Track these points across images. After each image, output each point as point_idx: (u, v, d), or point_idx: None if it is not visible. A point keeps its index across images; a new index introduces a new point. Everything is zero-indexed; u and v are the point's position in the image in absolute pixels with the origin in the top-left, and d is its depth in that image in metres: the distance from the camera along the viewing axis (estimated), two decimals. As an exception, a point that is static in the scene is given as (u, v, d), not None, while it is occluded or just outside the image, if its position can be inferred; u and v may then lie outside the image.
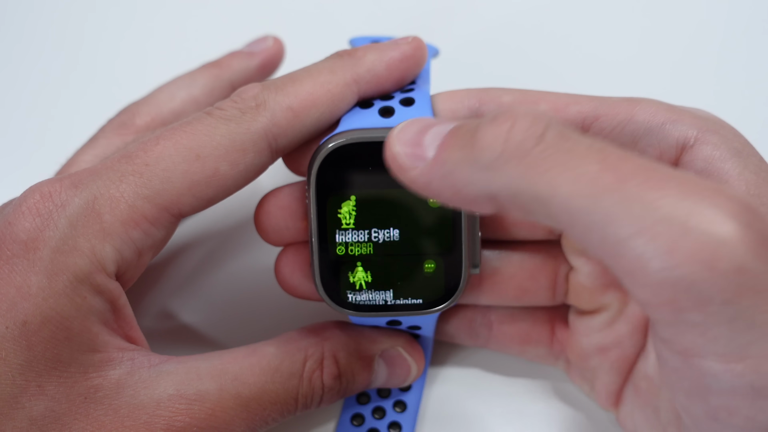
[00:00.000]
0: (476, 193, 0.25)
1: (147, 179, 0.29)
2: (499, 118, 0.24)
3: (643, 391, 0.32)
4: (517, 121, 0.24)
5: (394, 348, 0.33)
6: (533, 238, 0.34)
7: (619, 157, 0.23)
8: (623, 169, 0.23)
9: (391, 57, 0.32)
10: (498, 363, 0.37)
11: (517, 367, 0.37)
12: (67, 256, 0.28)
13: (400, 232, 0.31)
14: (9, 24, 0.51)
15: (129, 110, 0.38)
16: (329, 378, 0.31)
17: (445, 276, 0.31)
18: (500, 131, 0.24)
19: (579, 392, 0.36)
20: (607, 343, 0.33)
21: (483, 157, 0.24)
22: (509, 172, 0.24)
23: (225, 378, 0.30)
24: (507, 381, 0.37)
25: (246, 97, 0.31)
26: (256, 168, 0.31)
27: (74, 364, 0.28)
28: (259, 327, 0.38)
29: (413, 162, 0.26)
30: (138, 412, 0.28)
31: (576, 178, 0.23)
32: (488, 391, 0.37)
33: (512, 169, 0.24)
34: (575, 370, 0.35)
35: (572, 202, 0.23)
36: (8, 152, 0.46)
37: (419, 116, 0.31)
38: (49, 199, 0.29)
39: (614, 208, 0.22)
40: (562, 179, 0.23)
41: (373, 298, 0.31)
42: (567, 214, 0.23)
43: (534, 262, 0.34)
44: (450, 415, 0.36)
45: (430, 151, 0.26)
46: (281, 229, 0.32)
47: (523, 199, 0.24)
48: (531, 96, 0.32)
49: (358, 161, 0.30)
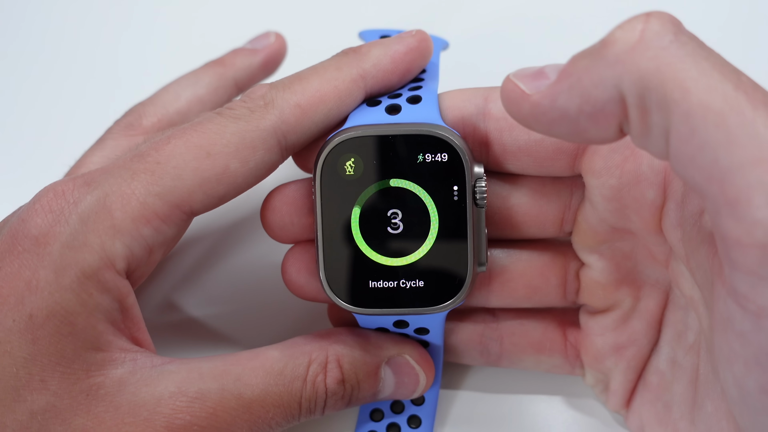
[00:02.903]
0: (606, 96, 0.23)
1: (158, 177, 0.29)
2: (632, 18, 0.23)
3: (653, 386, 0.32)
4: (652, 16, 0.23)
5: (401, 356, 0.33)
6: (541, 236, 0.34)
7: (752, 84, 0.22)
8: (756, 95, 0.22)
9: (395, 50, 0.32)
10: (512, 382, 0.37)
11: (534, 385, 0.37)
12: (76, 252, 0.28)
13: (404, 227, 0.31)
14: (12, 24, 0.51)
15: (135, 111, 0.38)
16: (333, 382, 0.31)
17: (451, 272, 0.31)
18: (635, 24, 0.23)
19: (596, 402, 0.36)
20: (623, 342, 0.33)
21: (616, 50, 0.23)
22: (643, 63, 0.23)
23: (227, 378, 0.30)
24: (523, 399, 0.37)
25: (255, 97, 0.31)
26: (266, 165, 0.31)
27: (78, 360, 0.28)
28: (265, 324, 0.38)
29: (536, 86, 0.25)
30: (138, 409, 0.29)
31: (711, 89, 0.22)
32: (505, 410, 0.36)
33: (647, 60, 0.23)
34: (590, 373, 0.35)
35: (699, 112, 0.22)
36: (12, 153, 0.46)
37: (426, 114, 0.31)
38: (62, 197, 0.29)
39: (739, 131, 0.21)
40: (697, 86, 0.22)
41: (378, 295, 0.31)
42: (687, 126, 0.22)
43: (543, 260, 0.34)
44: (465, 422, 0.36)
45: (552, 75, 0.25)
46: (287, 225, 0.32)
47: (650, 99, 0.23)
48: None
49: (363, 156, 0.30)
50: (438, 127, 0.30)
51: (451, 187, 0.31)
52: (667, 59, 0.23)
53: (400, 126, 0.31)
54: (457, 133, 0.31)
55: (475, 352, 0.35)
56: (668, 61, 0.23)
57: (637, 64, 0.23)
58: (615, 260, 0.33)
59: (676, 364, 0.31)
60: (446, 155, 0.30)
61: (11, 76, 0.50)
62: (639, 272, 0.33)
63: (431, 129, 0.30)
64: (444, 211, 0.31)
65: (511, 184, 0.33)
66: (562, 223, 0.33)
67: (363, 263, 0.31)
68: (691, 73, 0.22)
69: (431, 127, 0.30)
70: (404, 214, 0.31)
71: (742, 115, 0.22)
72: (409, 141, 0.30)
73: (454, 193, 0.31)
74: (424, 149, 0.30)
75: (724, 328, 0.24)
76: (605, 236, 0.32)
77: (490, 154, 0.32)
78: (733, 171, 0.21)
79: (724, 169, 0.22)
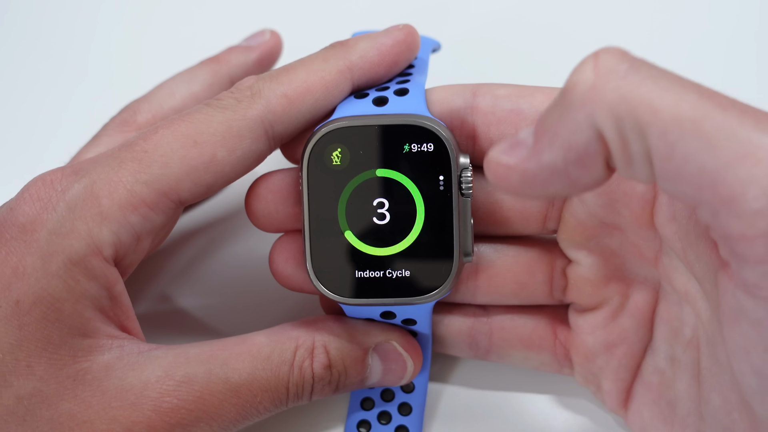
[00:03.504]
0: (585, 138, 0.24)
1: (146, 165, 0.30)
2: (583, 61, 0.24)
3: (654, 386, 0.32)
4: (601, 53, 0.24)
5: (388, 342, 0.33)
6: (525, 232, 0.34)
7: (712, 91, 0.23)
8: (720, 100, 0.23)
9: (382, 43, 0.32)
10: (505, 377, 0.37)
11: (528, 380, 0.37)
12: (63, 239, 0.29)
13: (390, 216, 0.31)
14: (6, 21, 0.52)
15: (130, 108, 0.39)
16: (320, 367, 0.31)
17: (437, 261, 0.31)
18: (587, 65, 0.24)
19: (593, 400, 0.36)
20: (613, 339, 0.33)
21: (578, 93, 0.24)
22: (608, 96, 0.23)
23: (214, 363, 0.30)
24: (517, 395, 0.37)
25: (242, 88, 0.31)
26: (254, 155, 0.31)
27: (64, 346, 0.29)
28: (255, 316, 0.38)
29: (518, 154, 0.26)
30: (125, 393, 0.29)
31: (677, 102, 0.23)
32: (496, 395, 0.36)
33: (610, 93, 0.23)
34: (581, 372, 0.35)
35: (674, 127, 0.22)
36: (7, 151, 0.47)
37: (413, 106, 0.31)
38: (50, 185, 0.30)
39: (716, 133, 0.22)
40: (664, 103, 0.23)
41: (365, 284, 0.31)
42: (666, 143, 0.23)
43: (530, 256, 0.34)
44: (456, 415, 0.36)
45: (529, 139, 0.26)
46: (271, 213, 0.32)
47: (626, 128, 0.23)
48: (526, 90, 0.32)
49: (350, 146, 0.31)
50: (424, 117, 0.31)
51: (437, 177, 0.31)
52: (629, 86, 0.23)
53: (387, 117, 0.31)
54: (442, 123, 0.31)
55: (464, 345, 0.35)
56: (630, 88, 0.23)
57: (603, 99, 0.23)
58: (603, 256, 0.33)
59: (676, 361, 0.31)
60: (432, 145, 0.31)
61: (6, 73, 0.50)
62: (627, 269, 0.33)
63: (417, 119, 0.31)
64: (430, 201, 0.31)
65: None
66: (545, 220, 0.33)
67: (349, 253, 0.31)
68: (655, 93, 0.23)
69: (417, 118, 0.31)
70: (391, 204, 0.31)
71: (714, 120, 0.22)
72: (395, 131, 0.31)
73: (440, 183, 0.31)
74: (410, 139, 0.31)
75: (736, 319, 0.24)
76: (594, 231, 0.32)
77: (477, 149, 0.33)
78: (722, 172, 0.22)
79: (712, 173, 0.22)
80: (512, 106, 0.32)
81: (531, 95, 0.32)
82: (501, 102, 0.32)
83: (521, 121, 0.32)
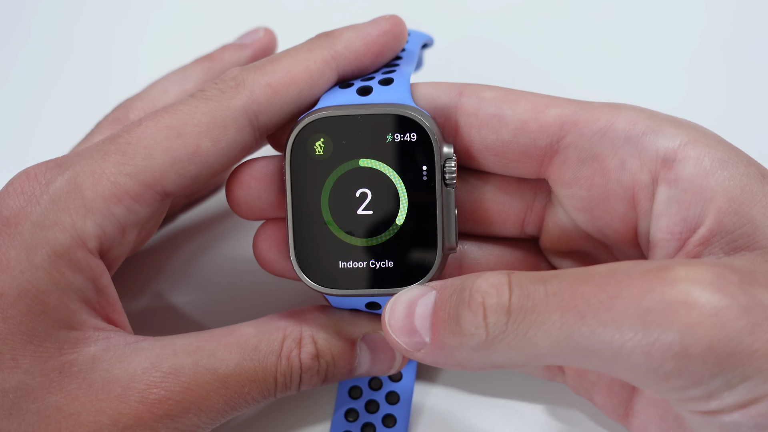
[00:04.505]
0: (480, 367, 0.27)
1: (129, 157, 0.30)
2: (472, 303, 0.26)
3: (659, 401, 0.31)
4: (486, 301, 0.26)
5: (376, 332, 0.33)
6: (504, 234, 0.34)
7: (571, 290, 0.25)
8: (577, 302, 0.24)
9: (368, 33, 0.32)
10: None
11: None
12: (47, 231, 0.29)
13: (374, 207, 0.31)
14: (3, 20, 0.52)
15: (123, 106, 0.39)
16: (307, 357, 0.31)
17: (420, 251, 0.31)
18: (477, 319, 0.26)
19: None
20: None
21: (472, 343, 0.26)
22: (498, 349, 0.26)
23: (201, 354, 0.30)
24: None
25: (226, 78, 0.31)
26: (239, 145, 0.31)
27: (50, 339, 0.29)
28: (245, 311, 0.38)
29: (416, 347, 0.27)
30: (112, 385, 0.29)
31: (547, 333, 0.25)
32: (485, 382, 0.36)
33: (498, 347, 0.26)
34: (573, 385, 0.34)
35: (553, 352, 0.25)
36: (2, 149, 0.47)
37: (397, 95, 0.31)
38: (34, 179, 0.30)
39: (585, 342, 0.24)
40: (538, 339, 0.25)
41: (348, 275, 0.31)
42: (557, 361, 0.25)
43: (515, 256, 0.34)
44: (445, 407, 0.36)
45: (426, 336, 0.27)
46: (254, 200, 0.32)
47: (519, 363, 0.26)
48: (512, 95, 0.31)
49: (333, 135, 0.31)
50: (407, 107, 0.30)
51: (420, 167, 0.30)
52: (513, 338, 0.26)
53: (370, 106, 0.31)
54: (426, 113, 0.31)
55: None
56: (514, 339, 0.26)
57: (495, 351, 0.26)
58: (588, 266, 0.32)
59: None
60: (415, 135, 0.30)
61: (4, 73, 0.50)
62: None
63: (400, 109, 0.30)
64: (413, 191, 0.31)
65: (477, 179, 0.33)
66: (523, 224, 0.33)
67: (333, 243, 0.31)
68: (531, 333, 0.25)
69: (400, 108, 0.30)
70: (374, 194, 0.31)
71: (579, 331, 0.25)
72: (378, 121, 0.30)
73: (423, 173, 0.30)
74: (393, 129, 0.30)
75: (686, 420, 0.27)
76: (578, 241, 0.32)
77: (456, 147, 0.32)
78: (613, 367, 0.25)
79: (606, 366, 0.25)
80: (496, 111, 0.31)
81: (516, 101, 0.31)
82: (485, 105, 0.31)
83: (502, 127, 0.31)
